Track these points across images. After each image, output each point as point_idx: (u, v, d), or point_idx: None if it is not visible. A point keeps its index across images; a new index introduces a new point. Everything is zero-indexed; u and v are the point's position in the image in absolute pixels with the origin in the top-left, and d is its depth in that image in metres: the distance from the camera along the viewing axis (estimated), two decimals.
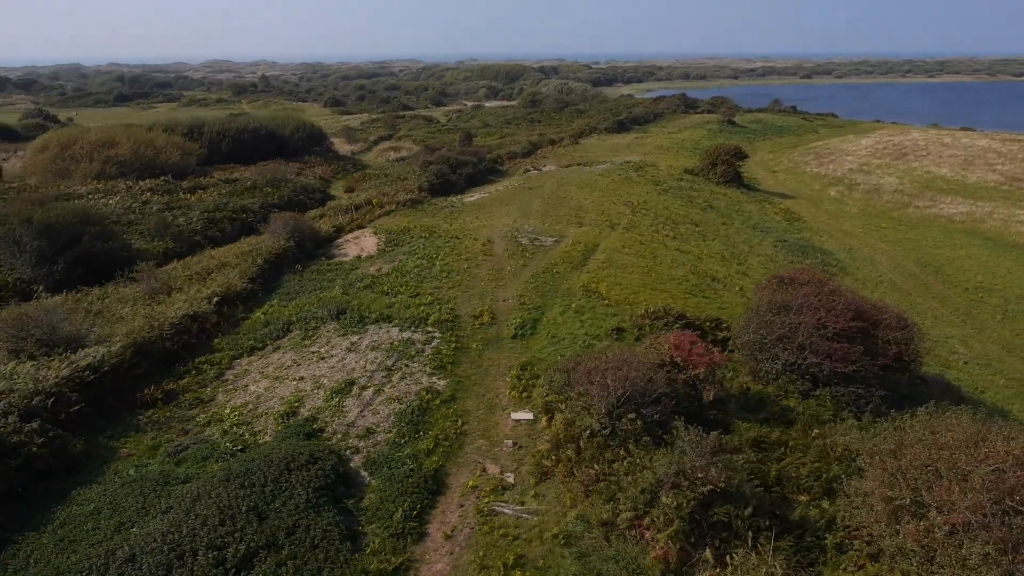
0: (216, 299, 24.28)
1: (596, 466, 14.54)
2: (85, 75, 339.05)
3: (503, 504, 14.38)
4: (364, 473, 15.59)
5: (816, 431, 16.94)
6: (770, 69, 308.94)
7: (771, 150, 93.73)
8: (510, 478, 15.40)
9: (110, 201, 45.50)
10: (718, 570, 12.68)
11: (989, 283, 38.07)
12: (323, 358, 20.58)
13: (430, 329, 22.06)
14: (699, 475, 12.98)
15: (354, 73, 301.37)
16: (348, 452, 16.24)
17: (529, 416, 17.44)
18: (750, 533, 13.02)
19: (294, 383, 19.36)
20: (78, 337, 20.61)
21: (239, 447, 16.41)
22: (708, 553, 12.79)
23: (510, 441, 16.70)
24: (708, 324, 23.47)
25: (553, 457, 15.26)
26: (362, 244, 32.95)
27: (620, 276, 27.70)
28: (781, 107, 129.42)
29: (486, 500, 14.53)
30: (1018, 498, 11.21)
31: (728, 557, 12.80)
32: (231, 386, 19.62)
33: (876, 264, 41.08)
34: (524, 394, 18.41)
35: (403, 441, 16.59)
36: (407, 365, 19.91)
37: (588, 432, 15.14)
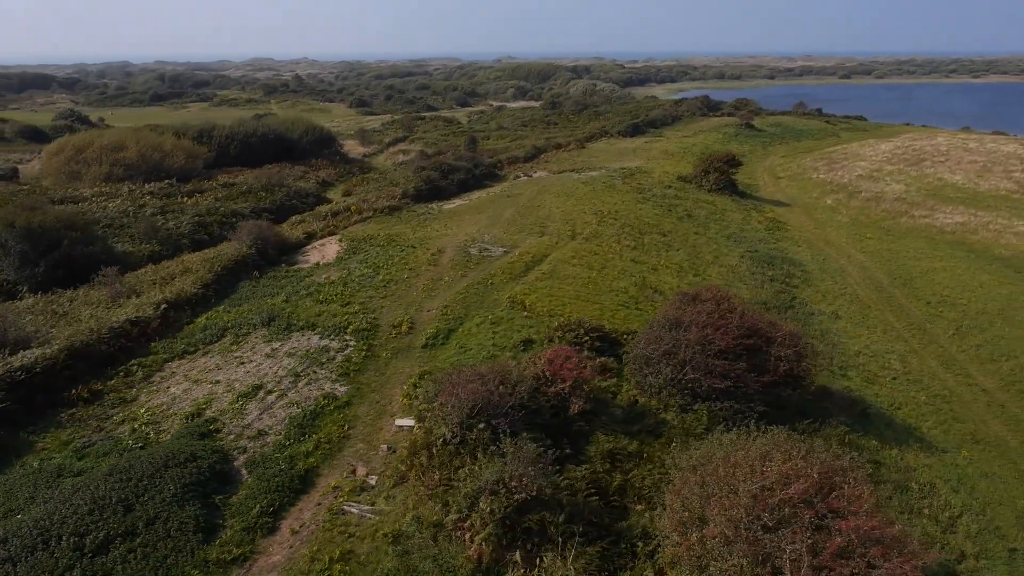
0: (164, 305, 26.15)
1: (442, 472, 15.85)
2: (130, 73, 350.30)
3: (353, 504, 15.80)
4: (244, 472, 17.14)
5: (674, 444, 17.97)
6: (808, 69, 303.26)
7: (784, 154, 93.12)
8: (373, 480, 16.80)
9: (110, 204, 48.14)
10: (525, 571, 13.89)
11: (954, 297, 38.06)
12: (242, 363, 22.27)
13: (347, 337, 23.59)
14: (514, 483, 14.19)
15: (388, 72, 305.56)
16: (236, 452, 17.82)
17: (411, 423, 18.81)
18: (561, 538, 14.20)
19: (209, 386, 21.06)
20: (25, 338, 22.65)
21: (140, 444, 18.13)
22: (518, 555, 14.01)
23: (386, 446, 18.11)
24: (624, 337, 24.52)
25: (409, 462, 16.62)
26: (325, 251, 34.66)
27: (556, 288, 28.83)
28: (805, 110, 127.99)
29: (341, 500, 15.96)
30: (775, 514, 12.18)
31: (538, 560, 14.01)
32: (155, 388, 21.42)
33: (845, 275, 41.28)
34: (415, 402, 19.77)
35: (288, 443, 18.12)
36: (315, 372, 21.47)
37: (441, 440, 16.46)
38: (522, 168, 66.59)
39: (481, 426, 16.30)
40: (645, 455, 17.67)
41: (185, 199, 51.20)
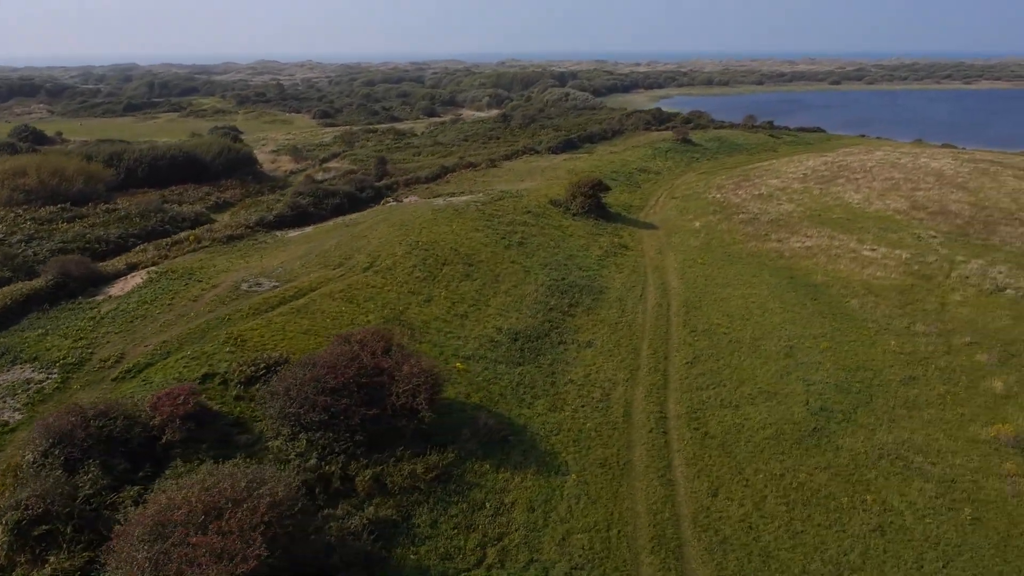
0: None
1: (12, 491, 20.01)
2: (130, 78, 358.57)
3: None
4: None
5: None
6: (800, 74, 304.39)
7: (704, 171, 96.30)
8: None
9: None
10: (35, 568, 18.00)
11: (725, 325, 41.52)
12: None
13: (54, 370, 27.82)
14: (27, 501, 18.30)
15: (380, 78, 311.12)
16: None
17: None
18: (66, 545, 18.30)
19: None
20: None
21: None
22: (26, 556, 18.13)
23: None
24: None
25: (1, 481, 20.79)
26: (127, 285, 38.92)
27: (293, 323, 32.93)
28: (755, 122, 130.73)
29: None
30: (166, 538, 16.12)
31: (45, 560, 18.12)
32: None
33: (642, 303, 44.79)
34: None
35: None
36: (4, 402, 25.71)
37: (26, 464, 20.62)
38: (409, 191, 70.67)
39: (56, 452, 20.43)
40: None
41: (64, 224, 55.88)
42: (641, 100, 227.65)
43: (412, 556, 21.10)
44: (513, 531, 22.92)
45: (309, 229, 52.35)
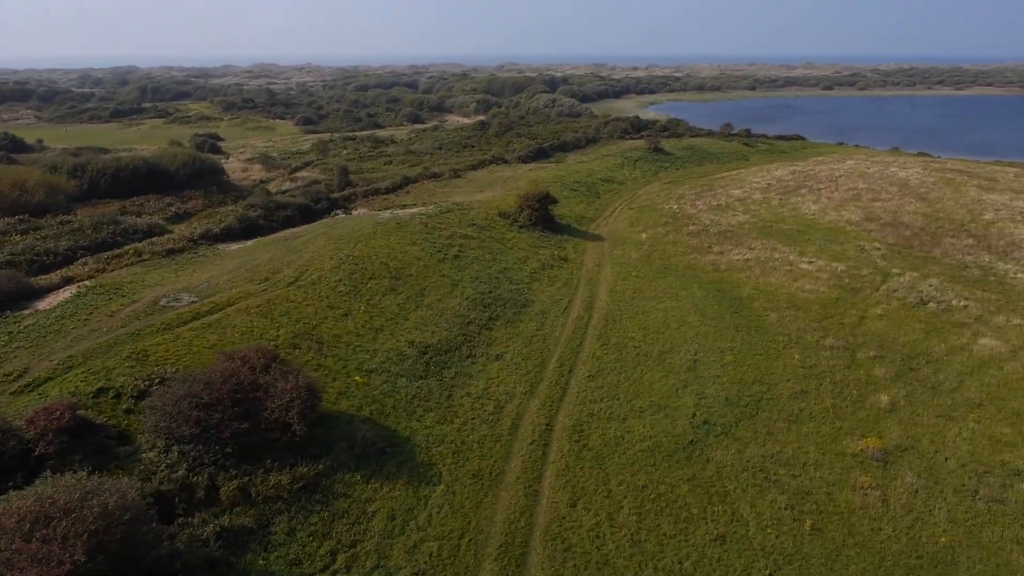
0: None
1: None
2: (127, 82, 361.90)
3: None
4: None
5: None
6: (792, 80, 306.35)
7: (670, 181, 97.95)
8: None
9: None
10: None
11: (638, 339, 43.12)
12: None
13: None
14: None
15: (373, 82, 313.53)
16: None
17: None
18: None
19: None
20: None
21: None
22: None
23: None
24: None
25: None
26: (56, 299, 40.74)
27: (200, 337, 34.64)
28: (731, 131, 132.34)
29: None
30: None
31: None
32: None
33: (564, 316, 46.34)
34: None
35: None
36: None
37: None
38: (366, 202, 72.49)
39: None
40: None
41: (17, 236, 57.80)
42: (630, 106, 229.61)
43: (261, 562, 22.80)
44: (367, 539, 24.60)
45: (251, 243, 54.12)
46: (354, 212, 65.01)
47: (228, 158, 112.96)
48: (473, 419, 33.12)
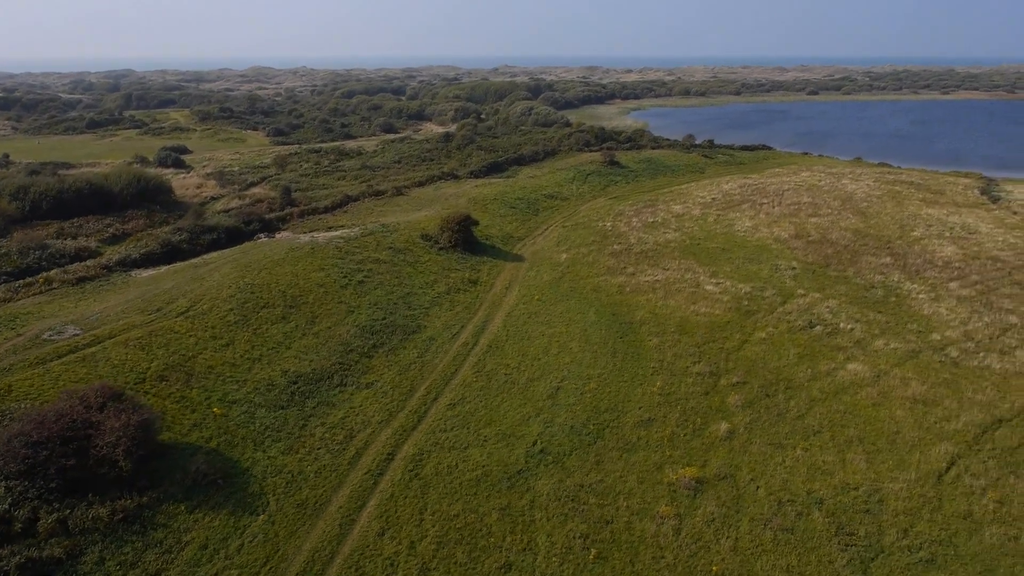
0: None
1: None
2: (117, 87, 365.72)
3: None
4: None
5: None
6: (778, 85, 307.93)
7: (617, 196, 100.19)
8: None
9: None
10: None
11: (513, 366, 45.34)
12: None
13: None
14: None
15: (360, 87, 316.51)
16: None
17: None
18: None
19: None
20: None
21: None
22: None
23: None
24: None
25: None
26: None
27: (69, 371, 37.16)
28: (694, 141, 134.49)
29: None
30: None
31: None
32: None
33: (451, 343, 48.68)
34: None
35: None
36: None
37: None
38: (300, 223, 74.99)
39: None
40: None
41: None
42: (611, 112, 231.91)
43: None
44: (173, 567, 27.03)
45: (164, 269, 56.68)
46: (278, 235, 67.51)
47: (190, 172, 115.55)
48: (319, 449, 35.47)
